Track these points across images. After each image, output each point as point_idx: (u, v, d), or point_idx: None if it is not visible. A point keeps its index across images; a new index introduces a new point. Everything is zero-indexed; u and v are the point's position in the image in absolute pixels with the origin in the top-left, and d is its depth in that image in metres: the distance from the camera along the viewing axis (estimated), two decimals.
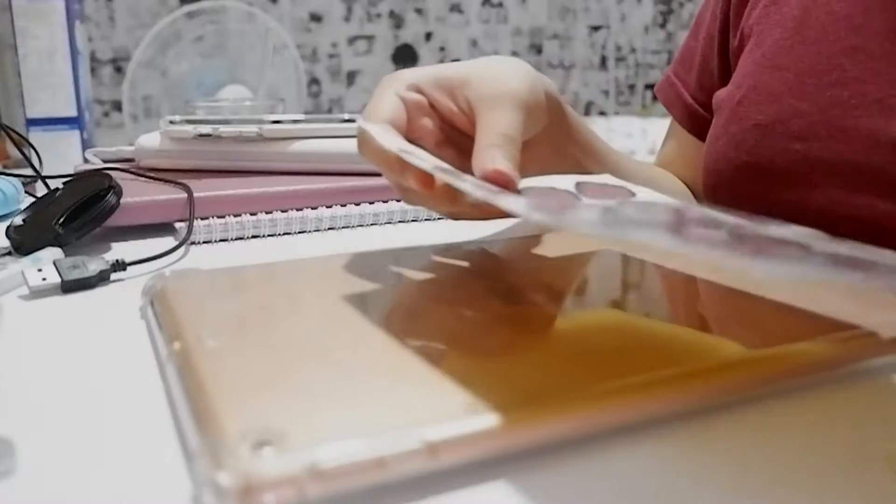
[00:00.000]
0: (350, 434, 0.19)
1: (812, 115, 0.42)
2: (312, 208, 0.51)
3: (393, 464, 0.18)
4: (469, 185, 0.27)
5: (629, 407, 0.22)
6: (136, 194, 0.48)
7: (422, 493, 0.19)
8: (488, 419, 0.20)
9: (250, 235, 0.48)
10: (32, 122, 0.73)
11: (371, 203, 0.53)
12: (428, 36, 2.71)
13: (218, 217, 0.48)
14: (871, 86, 0.40)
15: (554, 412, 0.21)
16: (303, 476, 0.18)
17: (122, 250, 0.44)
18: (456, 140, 0.39)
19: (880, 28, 0.41)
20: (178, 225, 0.47)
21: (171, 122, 0.58)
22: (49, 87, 0.73)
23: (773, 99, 0.44)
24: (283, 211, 0.50)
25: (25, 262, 0.38)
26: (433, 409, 0.20)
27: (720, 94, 0.51)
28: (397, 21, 2.65)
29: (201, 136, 0.57)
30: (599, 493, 0.19)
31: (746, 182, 0.46)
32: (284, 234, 0.49)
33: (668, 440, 0.22)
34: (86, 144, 0.76)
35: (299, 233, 0.49)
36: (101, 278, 0.37)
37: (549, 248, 0.38)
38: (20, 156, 0.69)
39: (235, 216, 0.48)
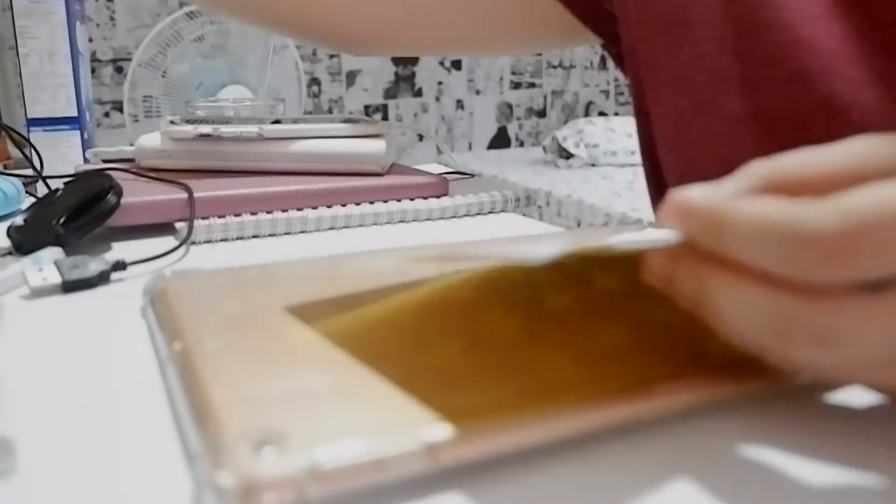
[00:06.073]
0: (351, 435, 0.19)
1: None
2: (312, 208, 0.51)
3: (393, 465, 0.18)
4: None
5: (632, 407, 0.22)
6: (137, 194, 0.48)
7: (422, 493, 0.19)
8: (488, 420, 0.20)
9: (250, 235, 0.48)
10: (33, 123, 0.73)
11: (371, 203, 0.53)
12: None
13: (218, 217, 0.48)
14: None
15: (555, 412, 0.21)
16: (303, 477, 0.18)
17: (122, 250, 0.44)
18: None
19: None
20: (178, 225, 0.47)
21: (172, 123, 0.58)
22: (49, 87, 0.73)
23: None
24: (283, 211, 0.50)
25: (26, 261, 0.38)
26: (433, 409, 0.20)
27: None
28: None
29: (201, 136, 0.57)
30: (600, 494, 0.19)
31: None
32: (285, 234, 0.49)
33: (670, 441, 0.22)
34: (86, 145, 0.76)
35: (299, 233, 0.49)
36: (102, 278, 0.37)
37: (554, 245, 0.38)
38: (21, 156, 0.69)
39: (236, 216, 0.48)
